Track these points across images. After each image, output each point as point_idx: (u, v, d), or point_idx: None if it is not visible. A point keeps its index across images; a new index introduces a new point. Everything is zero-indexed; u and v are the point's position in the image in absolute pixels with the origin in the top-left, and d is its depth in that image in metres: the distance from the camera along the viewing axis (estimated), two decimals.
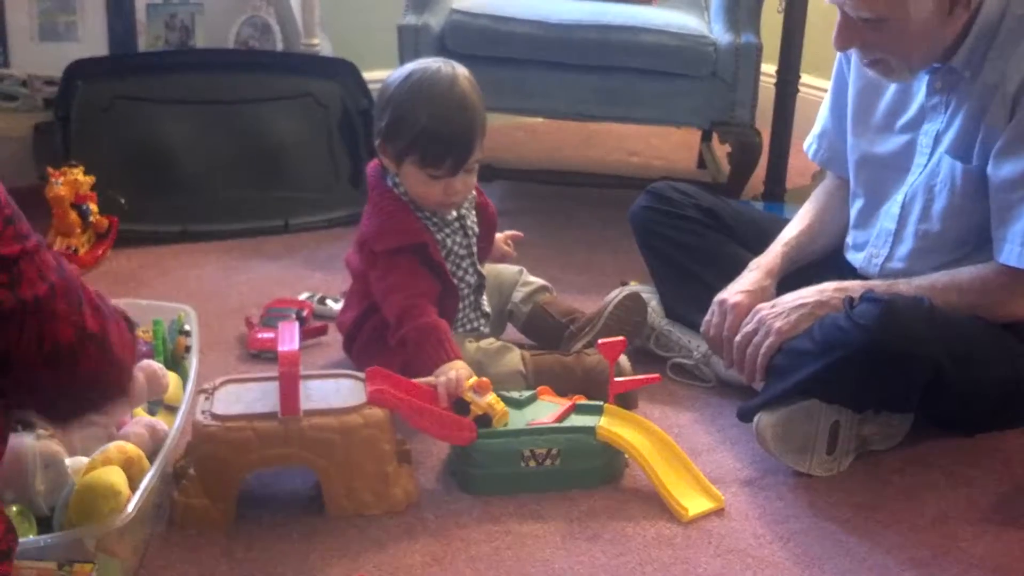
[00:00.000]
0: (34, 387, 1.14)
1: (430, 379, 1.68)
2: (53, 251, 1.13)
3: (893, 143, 1.85)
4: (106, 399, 1.24)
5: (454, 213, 1.87)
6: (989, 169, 1.70)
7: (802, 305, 1.74)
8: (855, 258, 1.92)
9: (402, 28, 2.57)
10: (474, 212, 1.92)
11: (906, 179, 1.83)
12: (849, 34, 1.71)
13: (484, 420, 1.66)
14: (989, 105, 1.70)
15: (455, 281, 1.86)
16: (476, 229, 1.91)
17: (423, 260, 1.80)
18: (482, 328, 1.91)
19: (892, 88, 1.84)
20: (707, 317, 1.87)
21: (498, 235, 2.02)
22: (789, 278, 1.89)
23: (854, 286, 1.75)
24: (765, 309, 1.78)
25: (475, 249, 1.91)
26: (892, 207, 1.85)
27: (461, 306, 1.88)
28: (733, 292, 1.85)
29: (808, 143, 2.06)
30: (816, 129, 2.04)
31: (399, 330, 1.75)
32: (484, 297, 1.94)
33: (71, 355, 1.12)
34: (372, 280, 1.83)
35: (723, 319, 1.83)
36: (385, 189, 1.85)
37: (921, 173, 1.80)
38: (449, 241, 1.85)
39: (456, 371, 1.67)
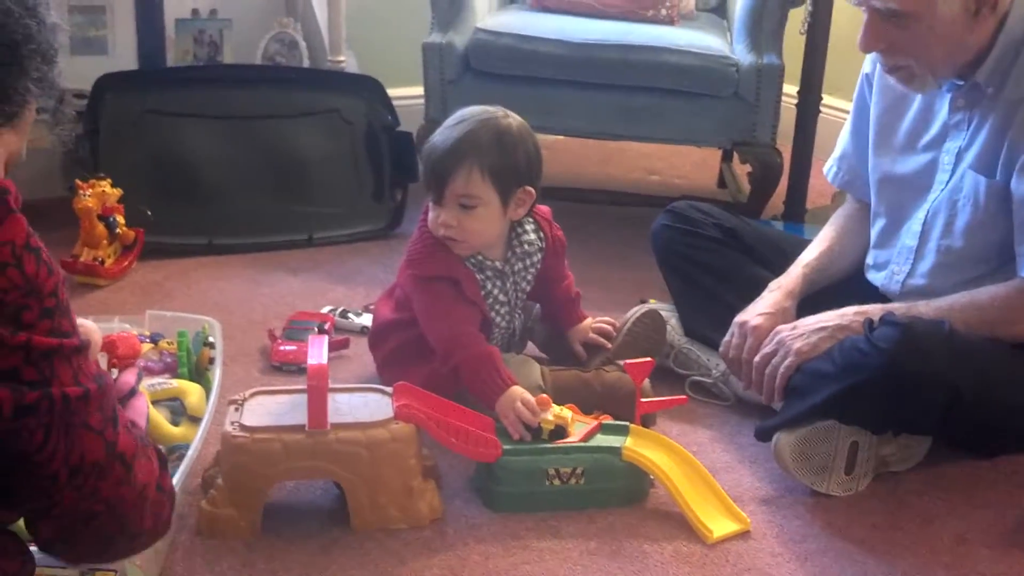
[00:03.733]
0: (51, 509, 1.04)
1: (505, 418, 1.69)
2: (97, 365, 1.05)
3: (915, 162, 1.86)
4: (123, 536, 1.11)
5: (494, 263, 1.85)
6: (1013, 183, 1.71)
7: (822, 328, 1.75)
8: (876, 277, 1.93)
9: (427, 46, 2.59)
10: (530, 263, 1.89)
11: (927, 197, 1.84)
12: (875, 34, 1.71)
13: (559, 432, 1.68)
14: (1013, 120, 1.71)
15: (491, 316, 1.86)
16: (526, 284, 1.90)
17: (460, 292, 1.81)
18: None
19: (914, 108, 1.85)
20: (726, 338, 1.88)
21: (589, 322, 1.98)
22: (809, 300, 1.90)
23: (874, 310, 1.75)
24: (785, 331, 1.78)
25: (518, 301, 1.91)
26: (914, 224, 1.85)
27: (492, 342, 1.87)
28: (753, 314, 1.86)
29: (828, 166, 2.07)
30: (836, 152, 2.05)
31: (450, 360, 1.76)
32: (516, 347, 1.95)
33: (97, 473, 1.03)
34: (415, 305, 1.84)
35: (743, 341, 1.84)
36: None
37: (943, 190, 1.81)
38: (489, 284, 1.85)
39: (520, 402, 1.68)
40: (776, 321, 1.83)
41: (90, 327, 1.49)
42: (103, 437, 1.03)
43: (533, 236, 1.90)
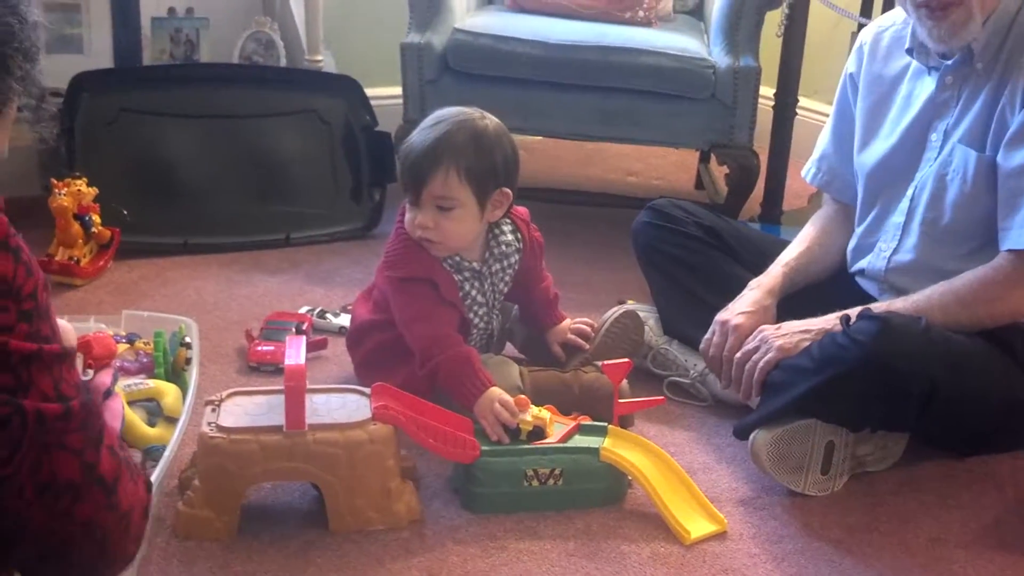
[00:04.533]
0: (23, 530, 0.98)
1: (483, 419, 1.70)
2: (84, 380, 1.00)
3: (900, 144, 1.88)
4: (104, 562, 1.04)
5: (471, 264, 1.85)
6: (999, 158, 1.73)
7: (807, 331, 1.76)
8: (862, 262, 1.94)
9: (405, 46, 2.59)
10: (507, 264, 1.89)
11: (915, 176, 1.86)
12: None
13: (538, 433, 1.68)
14: (1001, 97, 1.74)
15: (468, 317, 1.86)
16: (504, 285, 1.90)
17: (438, 294, 1.80)
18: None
19: (899, 97, 1.88)
20: (707, 336, 1.88)
21: (568, 323, 1.98)
22: (789, 301, 1.91)
23: (855, 311, 1.76)
24: (770, 330, 1.79)
25: (496, 302, 1.91)
26: (903, 204, 1.87)
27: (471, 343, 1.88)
28: (734, 313, 1.86)
29: (807, 168, 2.08)
30: (815, 153, 2.07)
31: (429, 361, 1.75)
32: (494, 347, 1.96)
33: (71, 495, 0.98)
34: (393, 306, 1.83)
35: (724, 339, 1.85)
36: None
37: (931, 166, 1.83)
38: (467, 285, 1.85)
39: (498, 403, 1.69)
40: (757, 319, 1.84)
41: (65, 327, 1.48)
42: (81, 458, 0.98)
43: (511, 237, 1.90)
